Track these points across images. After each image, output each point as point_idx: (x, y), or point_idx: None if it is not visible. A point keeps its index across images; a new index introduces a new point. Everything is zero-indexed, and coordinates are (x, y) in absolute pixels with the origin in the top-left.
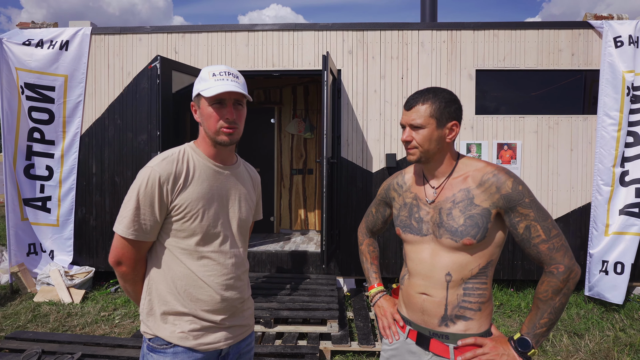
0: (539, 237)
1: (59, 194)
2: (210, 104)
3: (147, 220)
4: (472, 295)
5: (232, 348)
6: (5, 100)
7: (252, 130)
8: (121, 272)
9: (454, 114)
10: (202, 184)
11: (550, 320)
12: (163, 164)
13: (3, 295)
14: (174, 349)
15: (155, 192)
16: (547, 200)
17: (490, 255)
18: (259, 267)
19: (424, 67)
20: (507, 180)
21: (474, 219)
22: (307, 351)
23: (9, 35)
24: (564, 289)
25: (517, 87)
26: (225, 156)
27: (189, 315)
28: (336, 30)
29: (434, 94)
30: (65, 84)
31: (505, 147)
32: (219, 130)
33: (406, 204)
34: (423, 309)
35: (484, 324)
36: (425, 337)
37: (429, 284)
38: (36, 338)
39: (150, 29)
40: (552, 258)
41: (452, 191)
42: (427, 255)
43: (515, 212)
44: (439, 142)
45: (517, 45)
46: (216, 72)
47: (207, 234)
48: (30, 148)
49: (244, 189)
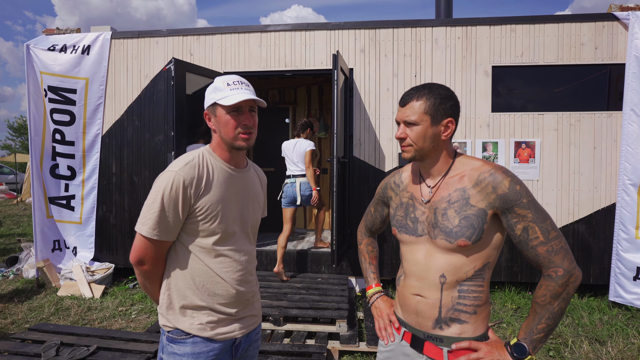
0: (537, 239)
1: (82, 193)
2: (228, 112)
3: (170, 222)
4: (467, 298)
5: (244, 337)
6: (32, 103)
7: (267, 130)
8: (143, 271)
9: (450, 111)
10: (220, 187)
11: (548, 325)
12: (186, 168)
13: (30, 289)
14: (193, 339)
15: (180, 195)
16: (568, 201)
17: (486, 257)
18: (271, 266)
19: (437, 64)
20: (504, 180)
21: (469, 219)
22: (314, 350)
23: (35, 42)
24: (563, 294)
25: (535, 83)
26: (238, 160)
27: (207, 309)
28: (348, 29)
29: (429, 90)
30: (86, 87)
31: (523, 145)
32: (237, 136)
33: (402, 203)
34: (417, 311)
35: (479, 327)
36: (419, 340)
37: (423, 285)
38: (56, 330)
39: (167, 32)
40: (551, 261)
41: (448, 191)
42: (422, 256)
43: (512, 213)
44: (434, 139)
45: (536, 40)
46: (230, 82)
47: (224, 233)
48: (54, 149)
49: (255, 190)
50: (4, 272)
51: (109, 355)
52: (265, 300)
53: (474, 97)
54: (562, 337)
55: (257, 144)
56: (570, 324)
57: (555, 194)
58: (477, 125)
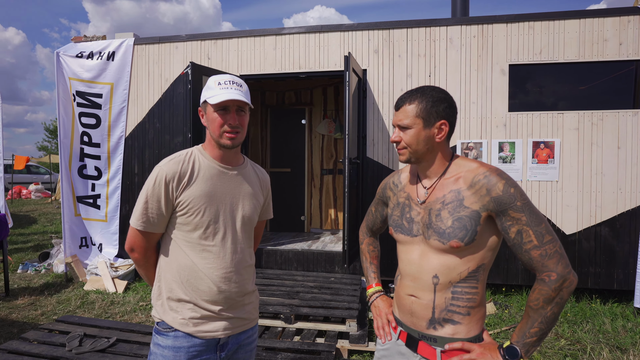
0: (530, 243)
1: (107, 192)
2: (215, 110)
3: (154, 214)
4: (460, 300)
5: (232, 338)
6: (62, 107)
7: (284, 131)
8: (134, 258)
9: (443, 113)
10: (205, 183)
11: (541, 329)
12: (170, 164)
13: (59, 283)
14: (175, 333)
15: (162, 189)
16: (590, 203)
17: (481, 259)
18: (285, 265)
19: (452, 63)
20: (498, 183)
21: (462, 221)
22: (323, 349)
23: (65, 49)
24: (556, 298)
25: (555, 81)
26: (230, 158)
27: (190, 303)
28: (362, 30)
29: (422, 93)
30: (111, 91)
31: (542, 145)
32: (222, 134)
33: (399, 203)
34: (412, 311)
35: (473, 329)
36: (414, 339)
37: (417, 285)
38: (81, 322)
39: (186, 37)
40: (544, 265)
41: (443, 192)
42: (416, 257)
43: (506, 215)
44: (428, 142)
45: (556, 36)
46: (222, 81)
47: (208, 228)
48: (82, 150)
49: (250, 188)
50: (37, 267)
51: (127, 347)
52: (277, 298)
53: (490, 96)
54: (580, 343)
55: (274, 145)
56: (590, 330)
57: (576, 196)
58: (494, 125)
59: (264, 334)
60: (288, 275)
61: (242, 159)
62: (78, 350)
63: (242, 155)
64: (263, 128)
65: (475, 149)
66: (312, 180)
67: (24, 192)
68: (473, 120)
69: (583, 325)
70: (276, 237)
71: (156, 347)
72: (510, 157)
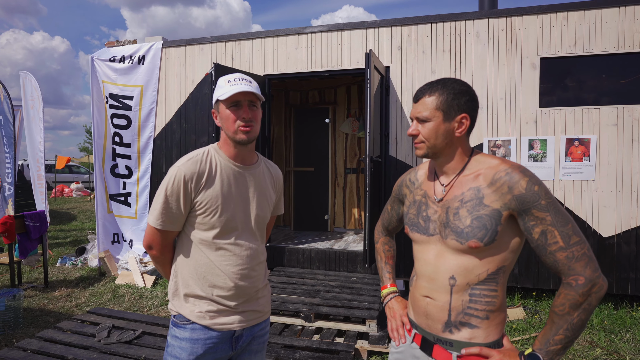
0: (556, 244)
1: (137, 191)
2: (227, 106)
3: (173, 213)
4: (478, 302)
5: (246, 331)
6: (95, 109)
7: (308, 131)
8: (152, 255)
9: (464, 107)
10: (222, 183)
11: (566, 337)
12: (188, 164)
13: (93, 277)
14: (192, 326)
15: (181, 189)
16: (630, 204)
17: (502, 260)
18: (307, 264)
19: (479, 58)
20: (520, 180)
21: (481, 220)
22: (342, 348)
23: (99, 54)
24: (584, 304)
25: (590, 74)
26: (245, 156)
27: (207, 299)
28: (384, 27)
29: (443, 85)
30: (141, 93)
31: (576, 142)
32: (237, 130)
33: (415, 201)
34: (427, 313)
35: (492, 333)
36: (429, 342)
37: (432, 286)
38: (110, 314)
39: (211, 39)
40: (571, 268)
41: (462, 189)
42: (432, 256)
43: (529, 215)
44: (447, 136)
45: (592, 27)
46: (231, 79)
47: (224, 227)
48: (114, 150)
49: (263, 186)
50: (74, 261)
51: (151, 339)
52: (298, 296)
53: (519, 91)
54: (618, 354)
55: (298, 144)
56: (630, 340)
57: (614, 196)
58: (523, 122)
59: (284, 332)
60: (310, 274)
61: (256, 157)
62: (106, 341)
63: (256, 153)
64: (287, 127)
65: (503, 147)
66: (336, 180)
67: (66, 191)
68: (501, 117)
69: (622, 335)
70: (299, 235)
71: (174, 339)
72: (542, 155)
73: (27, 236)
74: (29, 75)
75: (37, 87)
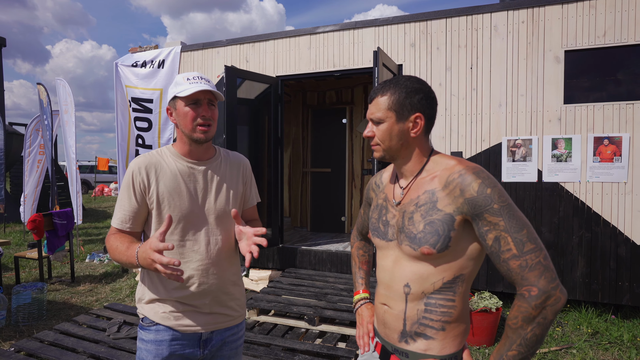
0: (509, 252)
1: None
2: (186, 104)
3: (125, 211)
4: (434, 312)
5: (215, 334)
6: (119, 113)
7: (325, 131)
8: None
9: (418, 105)
10: (173, 180)
11: (519, 353)
12: (139, 158)
13: (116, 273)
14: (156, 327)
15: (130, 184)
16: None
17: (459, 269)
18: (319, 266)
19: (497, 53)
20: (472, 182)
21: (434, 225)
22: (342, 354)
23: (122, 60)
24: (538, 318)
25: (622, 67)
26: (200, 153)
27: (170, 300)
28: (397, 24)
29: (395, 83)
30: (160, 97)
31: (606, 141)
32: (195, 128)
33: (378, 205)
34: (384, 322)
35: (449, 345)
36: (387, 352)
37: (389, 294)
38: (123, 310)
39: (226, 42)
40: (524, 278)
41: (417, 192)
42: (390, 263)
43: (482, 219)
44: (402, 137)
45: (624, 15)
46: (190, 77)
47: (179, 224)
48: (137, 152)
49: (224, 181)
50: (101, 257)
51: None
52: (304, 298)
53: (541, 87)
54: None
55: (315, 145)
56: None
57: None
58: (546, 120)
59: (287, 334)
60: (320, 276)
61: (214, 151)
62: (115, 336)
63: (214, 147)
64: (304, 128)
65: (523, 147)
66: (353, 181)
67: (105, 190)
68: (521, 114)
69: None
70: (315, 237)
71: (141, 342)
72: (566, 155)
73: (54, 233)
74: (63, 82)
75: (70, 93)
